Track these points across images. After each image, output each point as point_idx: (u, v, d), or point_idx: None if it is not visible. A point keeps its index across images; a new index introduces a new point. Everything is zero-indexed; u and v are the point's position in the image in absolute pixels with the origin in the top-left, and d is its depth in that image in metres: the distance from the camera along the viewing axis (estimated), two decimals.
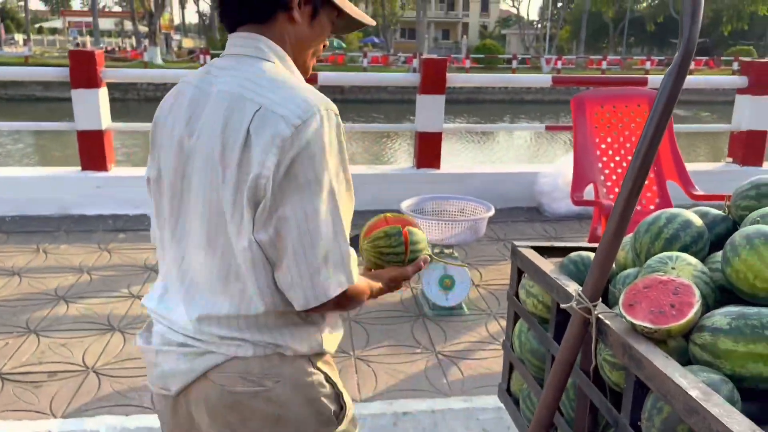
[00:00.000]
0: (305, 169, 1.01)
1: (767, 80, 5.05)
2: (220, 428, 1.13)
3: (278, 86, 1.05)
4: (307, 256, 1.03)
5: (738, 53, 34.44)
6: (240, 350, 1.09)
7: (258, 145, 1.00)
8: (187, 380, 1.12)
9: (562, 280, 1.55)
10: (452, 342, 2.79)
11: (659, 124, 1.21)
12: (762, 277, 1.22)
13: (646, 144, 1.22)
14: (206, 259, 1.09)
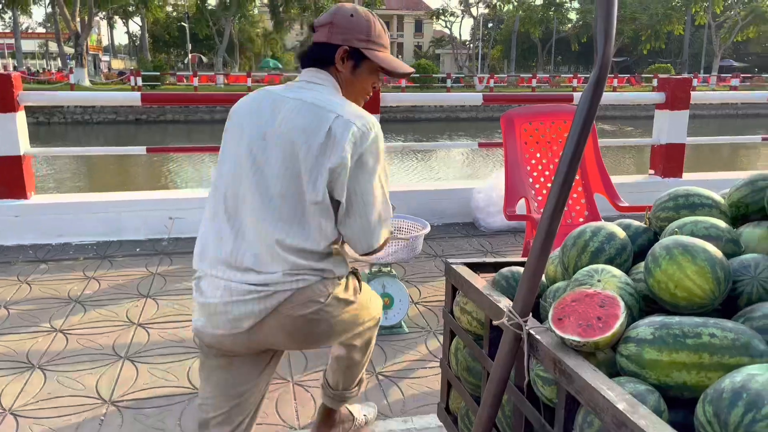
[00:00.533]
0: (370, 160, 1.53)
1: (683, 96, 5.33)
2: (297, 341, 1.62)
3: (345, 104, 1.57)
4: (368, 217, 1.56)
5: (657, 71, 36.42)
6: (300, 282, 1.54)
7: (342, 140, 1.49)
8: (261, 317, 1.54)
9: (494, 297, 1.56)
10: (392, 362, 2.76)
11: (579, 140, 1.24)
12: (682, 286, 1.26)
13: (568, 159, 1.24)
14: (285, 208, 1.52)
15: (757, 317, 1.19)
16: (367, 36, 1.64)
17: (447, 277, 1.94)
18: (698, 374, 1.10)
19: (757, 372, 0.97)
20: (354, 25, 1.62)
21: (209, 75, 33.98)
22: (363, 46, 1.63)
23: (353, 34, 1.62)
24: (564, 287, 1.50)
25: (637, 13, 41.12)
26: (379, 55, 1.66)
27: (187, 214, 4.52)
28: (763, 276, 1.28)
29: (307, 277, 1.54)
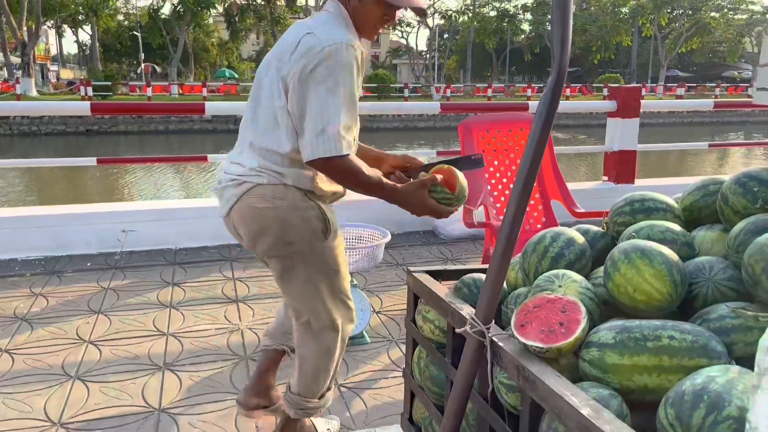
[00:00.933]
0: (322, 72, 1.64)
1: (633, 104, 5.48)
2: (246, 232, 1.84)
3: (327, 26, 1.71)
4: (314, 126, 1.63)
5: (607, 80, 37.50)
6: (263, 178, 1.76)
7: (300, 52, 1.67)
8: (231, 202, 1.81)
9: (456, 304, 1.55)
10: (354, 373, 2.73)
11: (538, 145, 1.24)
12: (640, 289, 1.27)
13: (527, 165, 1.24)
14: (263, 115, 1.77)
15: (713, 319, 1.21)
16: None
17: (409, 286, 1.92)
18: (659, 377, 1.11)
19: (717, 374, 0.98)
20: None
21: (163, 85, 33.36)
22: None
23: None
24: (525, 293, 1.50)
25: (588, 24, 42.32)
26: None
27: (140, 226, 4.39)
28: (717, 278, 1.31)
29: (268, 175, 1.76)
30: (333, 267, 1.91)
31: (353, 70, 1.67)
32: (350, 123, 1.68)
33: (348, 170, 1.67)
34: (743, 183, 1.46)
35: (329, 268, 1.90)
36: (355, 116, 1.72)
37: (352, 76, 1.67)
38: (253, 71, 45.77)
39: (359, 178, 1.68)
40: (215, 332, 3.10)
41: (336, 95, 1.64)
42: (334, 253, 1.90)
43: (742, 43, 46.74)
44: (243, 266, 4.09)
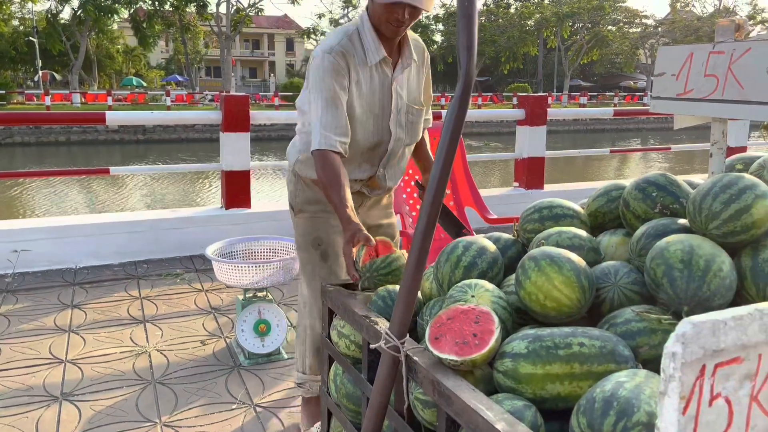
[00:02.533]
0: (308, 76, 1.97)
1: (540, 112, 5.69)
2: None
3: (329, 35, 2.00)
4: (311, 121, 1.93)
5: (516, 89, 39.01)
6: (291, 151, 2.22)
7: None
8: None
9: (371, 318, 1.50)
10: (271, 391, 2.63)
11: (448, 153, 1.22)
12: (551, 297, 1.28)
13: (438, 174, 1.22)
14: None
15: (619, 323, 1.23)
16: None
17: (323, 300, 1.87)
18: (570, 384, 1.12)
19: (625, 379, 0.99)
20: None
21: (64, 93, 31.50)
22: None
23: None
24: (439, 304, 1.48)
25: (496, 36, 43.88)
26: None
27: (35, 245, 4.08)
28: (622, 282, 1.34)
29: (297, 142, 2.18)
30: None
31: (322, 74, 1.88)
32: (329, 120, 1.87)
33: (322, 162, 1.87)
34: (642, 188, 1.51)
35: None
36: (336, 115, 1.88)
37: (322, 81, 1.88)
38: (163, 79, 44.23)
39: (322, 174, 1.87)
40: (120, 356, 2.91)
41: (314, 100, 1.91)
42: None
43: (637, 54, 50.04)
44: (150, 284, 3.88)
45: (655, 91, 1.78)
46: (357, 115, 1.97)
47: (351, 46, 1.93)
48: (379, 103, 2.00)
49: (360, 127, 1.99)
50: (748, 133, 6.64)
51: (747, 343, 0.86)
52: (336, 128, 1.88)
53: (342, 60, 1.89)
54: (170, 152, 22.08)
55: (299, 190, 2.18)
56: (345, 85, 1.90)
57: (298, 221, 2.19)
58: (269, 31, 59.44)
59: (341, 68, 1.89)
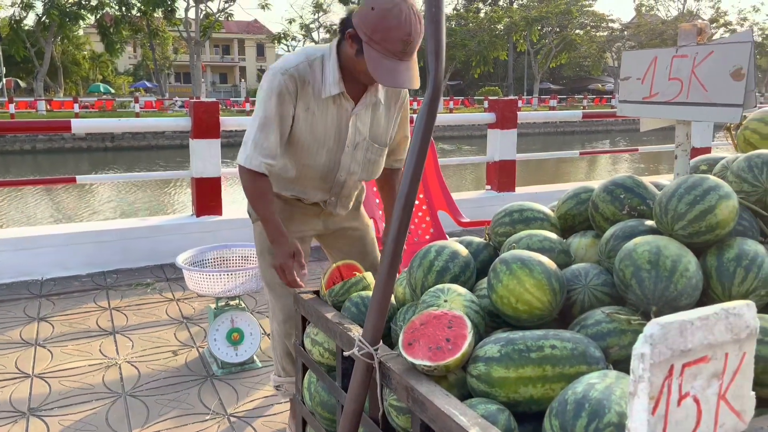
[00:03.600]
0: (259, 91, 1.89)
1: (511, 116, 5.74)
2: None
3: (291, 54, 1.92)
4: (246, 133, 1.91)
5: (487, 93, 39.35)
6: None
7: None
8: None
9: (344, 325, 1.50)
10: (245, 401, 2.60)
11: (418, 159, 1.22)
12: (523, 300, 1.29)
13: (408, 179, 1.22)
14: None
15: (590, 324, 1.24)
16: (370, 32, 1.69)
17: (296, 308, 1.85)
18: (543, 387, 1.12)
19: (596, 380, 1.00)
20: (367, 17, 1.69)
21: (29, 101, 30.79)
22: (365, 39, 1.71)
23: (364, 23, 1.70)
24: (413, 310, 1.48)
25: (467, 40, 44.24)
26: (372, 54, 1.69)
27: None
28: (592, 284, 1.35)
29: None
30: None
31: (269, 93, 1.83)
32: (261, 141, 1.85)
33: (245, 180, 1.91)
34: (611, 191, 1.53)
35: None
36: (268, 137, 1.85)
37: (266, 99, 1.84)
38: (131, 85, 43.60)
39: (247, 190, 1.93)
40: (89, 369, 2.84)
41: (255, 114, 1.87)
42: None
43: (604, 58, 50.93)
44: (120, 294, 3.81)
45: (622, 94, 1.81)
46: (306, 143, 1.92)
47: (309, 72, 1.85)
48: (334, 135, 1.93)
49: (309, 155, 1.95)
50: (712, 133, 6.80)
51: (713, 343, 0.88)
52: (264, 149, 1.85)
53: (292, 84, 1.82)
54: (140, 159, 21.75)
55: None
56: (289, 109, 1.85)
57: (255, 229, 2.21)
58: (239, 36, 59.05)
59: (289, 92, 1.83)
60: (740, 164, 1.46)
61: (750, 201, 1.42)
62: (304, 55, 1.87)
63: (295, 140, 1.91)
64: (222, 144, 4.72)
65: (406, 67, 1.71)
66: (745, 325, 0.90)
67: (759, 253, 1.26)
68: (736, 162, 1.49)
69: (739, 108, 1.50)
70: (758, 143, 1.67)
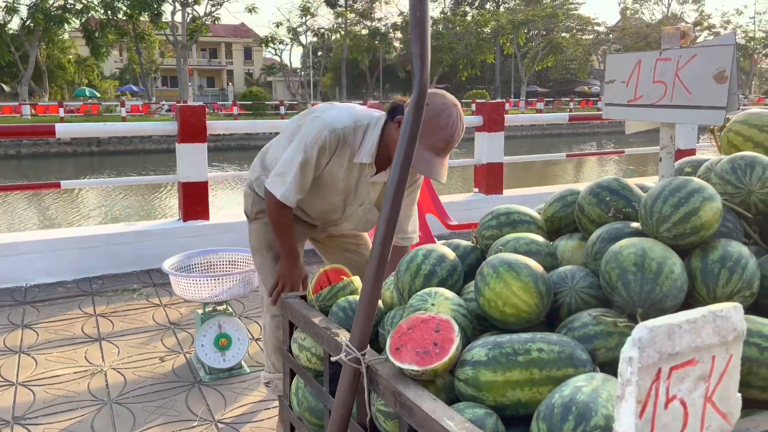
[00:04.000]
0: (303, 131, 2.04)
1: (498, 119, 5.76)
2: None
3: (341, 109, 2.10)
4: (282, 164, 2.04)
5: (474, 96, 39.46)
6: (254, 170, 2.36)
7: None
8: None
9: (331, 330, 1.49)
10: (233, 406, 2.58)
11: (405, 160, 1.22)
12: (510, 303, 1.28)
13: (394, 185, 1.21)
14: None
15: (577, 327, 1.24)
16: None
17: (283, 313, 1.84)
18: (530, 390, 1.12)
19: (583, 383, 1.00)
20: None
21: (13, 105, 30.47)
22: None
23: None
24: (400, 314, 1.48)
25: (454, 43, 44.39)
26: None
27: None
28: (579, 286, 1.35)
29: (258, 167, 2.33)
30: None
31: (314, 142, 1.97)
32: (300, 180, 2.02)
33: (271, 210, 2.10)
34: (596, 193, 1.54)
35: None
36: (305, 178, 2.03)
37: (311, 146, 1.97)
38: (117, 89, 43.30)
39: (274, 218, 2.10)
40: (74, 377, 2.81)
41: (296, 151, 2.01)
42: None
43: (590, 60, 51.33)
44: (106, 300, 3.77)
45: (607, 97, 1.82)
46: (325, 186, 2.10)
47: (352, 137, 2.01)
48: (350, 190, 2.13)
49: (323, 195, 2.14)
50: (696, 135, 6.86)
51: (701, 346, 0.88)
52: (301, 188, 2.03)
53: (335, 143, 1.99)
54: (126, 164, 21.59)
55: (256, 201, 2.29)
56: (324, 161, 2.02)
57: (252, 227, 2.32)
58: (226, 39, 58.84)
59: (330, 148, 1.99)
60: (724, 166, 1.47)
61: (734, 203, 1.43)
62: (353, 120, 2.01)
63: (316, 181, 2.08)
64: (209, 148, 4.70)
65: (441, 163, 1.87)
66: (732, 328, 0.91)
67: (743, 255, 1.27)
68: (719, 164, 1.50)
69: (722, 110, 1.51)
70: (741, 145, 1.69)
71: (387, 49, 49.55)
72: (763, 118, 1.67)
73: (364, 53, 46.04)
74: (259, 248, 2.30)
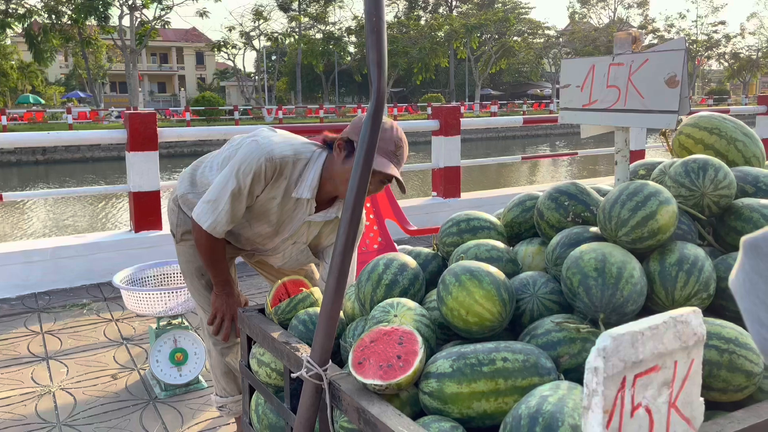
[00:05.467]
0: (238, 156, 1.85)
1: (454, 123, 5.80)
2: None
3: (280, 138, 1.92)
4: (212, 192, 1.88)
5: (430, 99, 39.80)
6: (182, 184, 2.14)
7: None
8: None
9: (291, 345, 1.44)
10: (190, 423, 2.49)
11: (363, 170, 1.19)
12: (473, 312, 1.27)
13: (354, 192, 1.18)
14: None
15: (540, 334, 1.23)
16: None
17: (240, 327, 1.78)
18: (496, 401, 1.10)
19: (549, 393, 0.99)
20: (358, 125, 1.77)
21: None
22: (357, 140, 1.75)
23: (354, 130, 1.78)
24: (362, 325, 1.44)
25: (408, 47, 44.67)
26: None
27: None
28: (541, 292, 1.35)
29: (187, 182, 2.13)
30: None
31: (249, 170, 1.80)
32: (230, 210, 1.87)
33: (198, 239, 1.95)
34: (555, 198, 1.54)
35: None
36: (235, 209, 1.87)
37: (244, 175, 1.80)
38: (63, 95, 41.92)
39: (202, 248, 1.96)
40: (20, 398, 2.67)
41: (227, 179, 1.84)
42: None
43: (542, 63, 52.44)
44: (53, 317, 3.61)
45: (562, 102, 1.83)
46: (255, 216, 1.95)
47: (290, 169, 1.85)
48: (286, 225, 1.98)
49: (252, 225, 1.98)
50: (645, 137, 7.07)
51: (663, 351, 0.88)
52: (231, 218, 1.88)
53: (271, 172, 1.82)
54: (74, 173, 20.89)
55: (181, 220, 2.13)
56: (258, 190, 1.86)
57: (180, 248, 2.16)
58: (177, 44, 57.74)
59: (265, 177, 1.83)
60: (677, 169, 1.49)
61: (688, 205, 1.46)
62: (292, 151, 1.84)
63: (248, 211, 1.93)
64: (161, 155, 4.57)
65: (395, 165, 1.80)
66: (692, 333, 0.91)
67: (699, 257, 1.29)
68: (673, 167, 1.52)
69: (674, 114, 1.53)
70: (693, 148, 1.72)
71: (342, 53, 49.50)
72: (713, 120, 1.71)
73: (318, 57, 45.84)
74: (189, 273, 2.16)
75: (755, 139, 1.72)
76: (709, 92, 56.19)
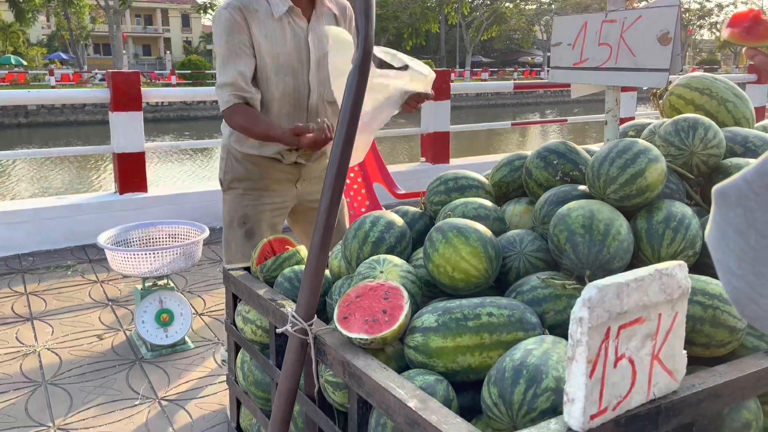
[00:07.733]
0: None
1: (444, 87, 5.73)
2: None
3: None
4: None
5: None
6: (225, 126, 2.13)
7: None
8: None
9: (277, 301, 1.44)
10: (177, 383, 2.50)
11: (350, 123, 1.17)
12: (459, 268, 1.26)
13: (339, 150, 1.16)
14: None
15: (526, 291, 1.23)
16: None
17: (226, 285, 1.77)
18: (481, 355, 1.11)
19: (533, 346, 0.99)
20: None
21: None
22: None
23: None
24: (348, 282, 1.44)
25: (398, 11, 43.98)
26: None
27: None
28: (527, 250, 1.34)
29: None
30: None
31: (220, 32, 1.87)
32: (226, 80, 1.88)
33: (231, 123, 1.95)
34: (544, 156, 1.53)
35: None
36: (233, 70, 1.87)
37: (219, 38, 1.87)
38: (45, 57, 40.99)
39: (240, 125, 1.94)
40: (5, 358, 2.66)
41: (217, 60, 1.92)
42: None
43: (533, 31, 51.88)
44: (38, 278, 3.58)
45: (553, 60, 1.80)
46: (272, 72, 1.93)
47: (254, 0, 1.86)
48: (296, 57, 1.94)
49: (277, 85, 1.95)
50: (635, 105, 7.05)
51: (648, 304, 0.88)
52: (233, 86, 1.88)
53: (239, 15, 1.84)
54: (57, 136, 20.56)
55: (229, 167, 2.14)
56: (245, 40, 1.85)
57: (226, 198, 2.18)
58: (162, 5, 56.38)
59: (238, 24, 1.84)
60: (667, 128, 1.48)
61: (677, 164, 1.45)
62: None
63: (260, 72, 1.92)
64: (147, 119, 4.49)
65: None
66: (677, 285, 0.91)
67: (686, 215, 1.28)
68: (663, 126, 1.51)
69: (665, 72, 1.51)
70: (683, 108, 1.71)
71: None
72: (704, 81, 1.69)
73: None
74: (231, 222, 2.16)
75: (746, 100, 1.71)
76: (700, 62, 56.06)
